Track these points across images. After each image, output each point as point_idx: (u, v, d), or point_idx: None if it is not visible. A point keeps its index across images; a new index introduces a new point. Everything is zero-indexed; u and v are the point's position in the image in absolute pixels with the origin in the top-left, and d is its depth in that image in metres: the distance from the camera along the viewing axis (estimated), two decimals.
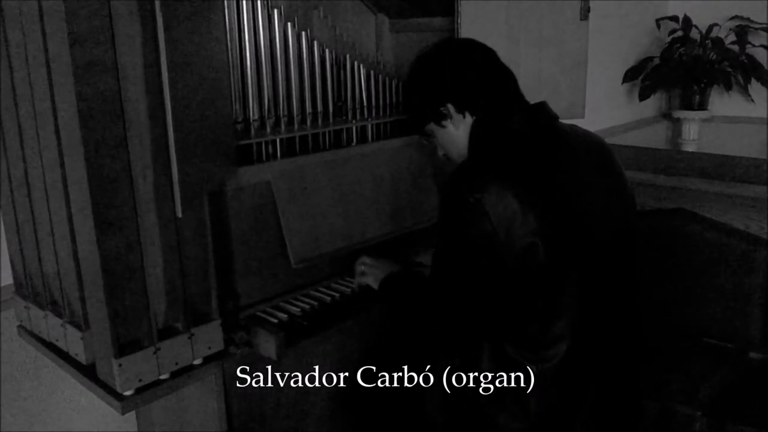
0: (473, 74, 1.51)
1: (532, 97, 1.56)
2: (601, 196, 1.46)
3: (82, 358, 1.49)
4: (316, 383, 1.81)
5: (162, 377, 1.44)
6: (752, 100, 4.51)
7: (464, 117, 1.52)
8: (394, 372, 1.77)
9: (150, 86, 1.28)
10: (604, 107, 4.14)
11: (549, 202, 1.37)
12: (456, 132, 1.53)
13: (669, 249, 2.29)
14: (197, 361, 1.50)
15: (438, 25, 2.16)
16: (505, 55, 1.55)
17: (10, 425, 1.88)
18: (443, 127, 1.55)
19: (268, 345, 1.56)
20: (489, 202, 1.33)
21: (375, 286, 1.71)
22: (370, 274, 1.75)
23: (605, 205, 1.47)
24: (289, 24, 1.72)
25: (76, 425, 2.02)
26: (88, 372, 1.48)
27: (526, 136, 1.45)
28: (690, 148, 4.60)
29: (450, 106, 1.51)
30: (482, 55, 1.54)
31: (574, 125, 1.55)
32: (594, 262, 1.43)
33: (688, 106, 4.61)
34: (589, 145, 1.52)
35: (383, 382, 1.80)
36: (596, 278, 1.44)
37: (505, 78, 1.53)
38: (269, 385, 1.70)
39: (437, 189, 2.08)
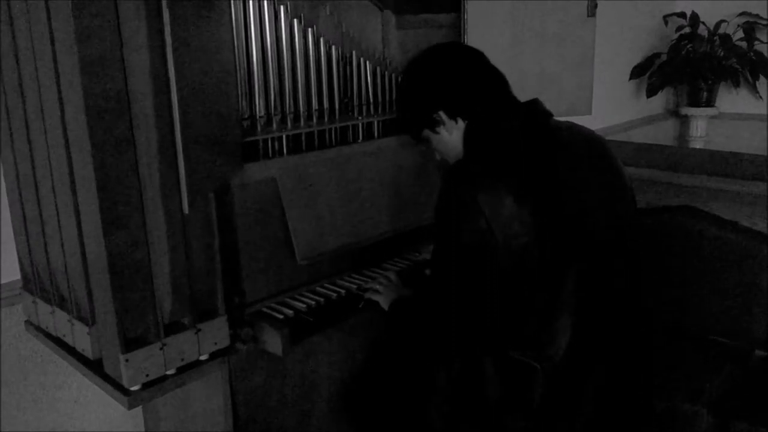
0: (462, 80, 1.51)
1: (537, 94, 1.55)
2: (599, 194, 1.46)
3: (89, 353, 1.50)
4: (320, 381, 1.82)
5: (168, 372, 1.45)
6: (760, 97, 4.49)
7: (457, 122, 1.52)
8: (397, 371, 1.77)
9: (156, 83, 1.29)
10: (611, 104, 4.13)
11: (545, 199, 1.37)
12: (450, 137, 1.54)
13: (674, 246, 2.28)
14: (203, 357, 1.51)
15: (444, 21, 2.16)
16: (510, 52, 1.55)
17: (16, 420, 1.89)
18: (437, 133, 1.55)
19: (274, 341, 1.57)
20: (484, 200, 1.33)
21: (385, 306, 1.71)
22: (383, 293, 1.74)
23: (604, 203, 1.46)
24: (295, 20, 1.72)
25: (83, 420, 2.03)
26: (95, 367, 1.49)
27: (519, 134, 1.45)
28: (697, 145, 4.59)
29: (442, 113, 1.52)
30: (470, 59, 1.54)
31: (572, 122, 1.55)
32: (593, 259, 1.43)
33: (696, 102, 4.60)
34: (587, 143, 1.51)
35: (386, 381, 1.81)
36: (596, 275, 1.44)
37: (495, 80, 1.53)
38: (274, 381, 1.71)
39: None
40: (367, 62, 1.93)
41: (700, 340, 2.25)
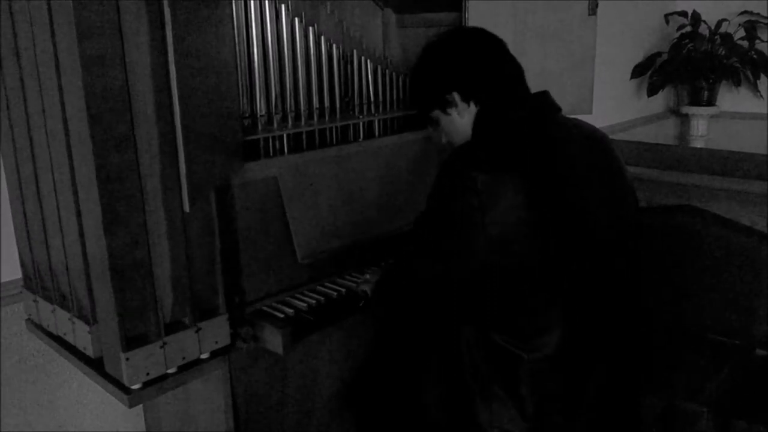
0: (480, 64, 1.51)
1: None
2: (600, 192, 1.46)
3: (90, 352, 1.50)
4: (321, 380, 1.82)
5: (169, 371, 1.45)
6: (761, 96, 4.49)
7: (469, 106, 1.52)
8: (397, 369, 1.78)
9: (157, 81, 1.29)
10: (612, 103, 4.13)
11: (546, 194, 1.38)
12: (461, 120, 1.54)
13: (674, 245, 2.28)
14: (204, 356, 1.51)
15: (445, 20, 2.16)
16: (511, 50, 1.56)
17: (17, 419, 1.89)
18: (448, 114, 1.55)
19: (274, 340, 1.57)
20: (481, 180, 1.33)
21: (369, 292, 1.72)
22: (371, 281, 1.75)
23: (605, 202, 1.47)
24: (296, 19, 1.72)
25: (84, 419, 2.03)
26: (96, 365, 1.49)
27: (526, 125, 1.46)
28: (698, 144, 4.58)
29: (456, 95, 1.52)
30: (490, 45, 1.54)
31: (578, 120, 1.55)
32: (593, 258, 1.43)
33: (697, 101, 4.59)
34: (590, 141, 1.52)
35: (386, 375, 1.81)
36: (595, 274, 1.44)
37: (512, 69, 1.53)
38: (275, 380, 1.71)
39: None
40: (368, 61, 1.93)
41: (701, 339, 2.25)
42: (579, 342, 1.43)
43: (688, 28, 4.45)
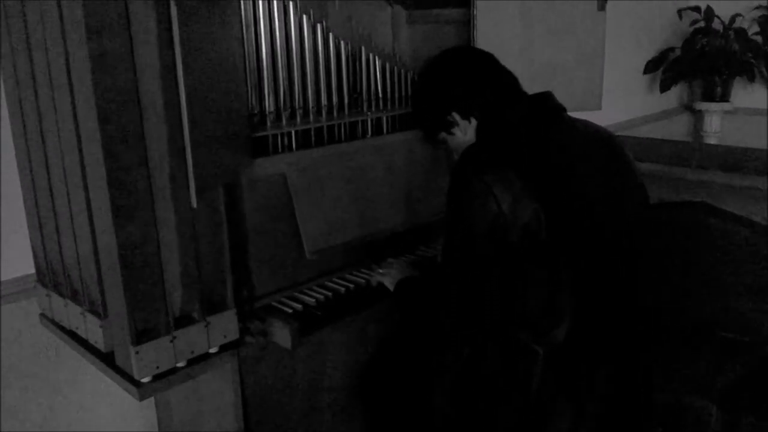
0: (471, 82, 1.55)
1: (546, 89, 1.56)
2: (604, 190, 1.47)
3: (101, 346, 1.52)
4: (330, 374, 1.83)
5: (178, 365, 1.46)
6: None
7: (470, 122, 1.56)
8: (406, 364, 1.79)
9: (165, 78, 1.30)
10: (624, 98, 4.11)
11: (549, 189, 1.39)
12: (465, 136, 1.58)
13: (686, 241, 2.27)
14: (213, 350, 1.53)
15: (454, 16, 2.16)
16: (519, 47, 1.56)
17: (31, 414, 1.92)
18: (453, 134, 1.59)
19: (283, 334, 1.58)
20: (492, 180, 1.35)
21: (391, 287, 1.73)
22: (387, 274, 1.76)
23: (609, 199, 1.47)
24: (304, 16, 1.73)
25: (97, 412, 2.06)
26: (107, 359, 1.51)
27: (523, 124, 1.47)
28: (712, 140, 4.56)
29: (455, 115, 1.55)
30: (480, 62, 1.58)
31: (586, 120, 1.56)
32: (596, 254, 1.44)
33: (710, 97, 4.56)
34: (596, 139, 1.53)
35: (395, 374, 1.82)
36: (598, 271, 1.44)
37: (505, 79, 1.56)
38: (283, 375, 1.72)
39: None
40: (376, 57, 1.94)
41: (710, 335, 2.24)
42: (583, 336, 1.43)
43: (702, 23, 4.42)
